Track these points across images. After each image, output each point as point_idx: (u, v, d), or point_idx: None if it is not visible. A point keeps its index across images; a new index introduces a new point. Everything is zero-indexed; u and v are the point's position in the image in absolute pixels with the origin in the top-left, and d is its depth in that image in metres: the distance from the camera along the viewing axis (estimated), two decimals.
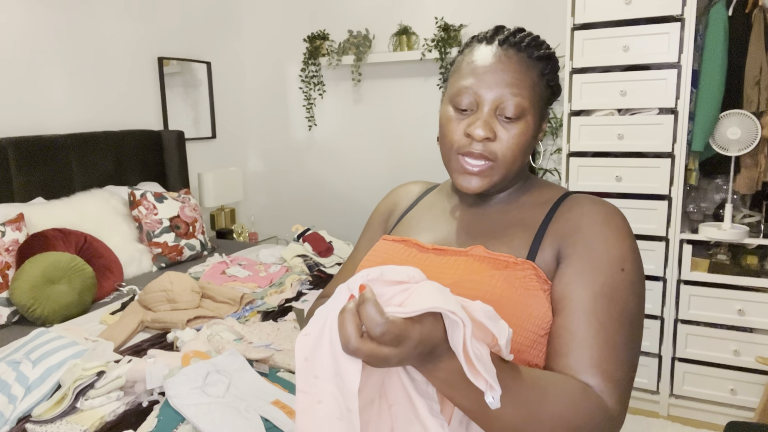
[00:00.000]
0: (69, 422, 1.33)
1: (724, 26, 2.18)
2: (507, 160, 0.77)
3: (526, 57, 0.77)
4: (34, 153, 2.46)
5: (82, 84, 2.82)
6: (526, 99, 0.75)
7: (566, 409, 0.61)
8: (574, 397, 0.62)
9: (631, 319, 0.69)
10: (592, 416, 0.62)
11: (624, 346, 0.67)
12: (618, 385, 0.66)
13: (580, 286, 0.70)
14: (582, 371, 0.66)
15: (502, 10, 3.02)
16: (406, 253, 0.83)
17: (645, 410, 2.47)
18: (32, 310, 1.96)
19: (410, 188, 0.99)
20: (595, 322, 0.67)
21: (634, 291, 0.70)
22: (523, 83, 0.75)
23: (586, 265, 0.71)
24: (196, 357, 1.53)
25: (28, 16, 2.56)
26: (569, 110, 2.43)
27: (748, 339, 2.25)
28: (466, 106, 0.76)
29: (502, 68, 0.75)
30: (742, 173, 2.29)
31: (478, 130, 0.74)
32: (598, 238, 0.72)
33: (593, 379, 0.65)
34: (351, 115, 3.59)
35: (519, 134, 0.76)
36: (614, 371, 0.66)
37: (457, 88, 0.78)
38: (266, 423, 1.31)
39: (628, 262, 0.71)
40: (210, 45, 3.56)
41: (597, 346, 0.66)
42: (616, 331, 0.67)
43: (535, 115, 0.77)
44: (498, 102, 0.75)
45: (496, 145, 0.76)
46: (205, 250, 2.88)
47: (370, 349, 0.51)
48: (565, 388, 0.63)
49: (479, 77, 0.76)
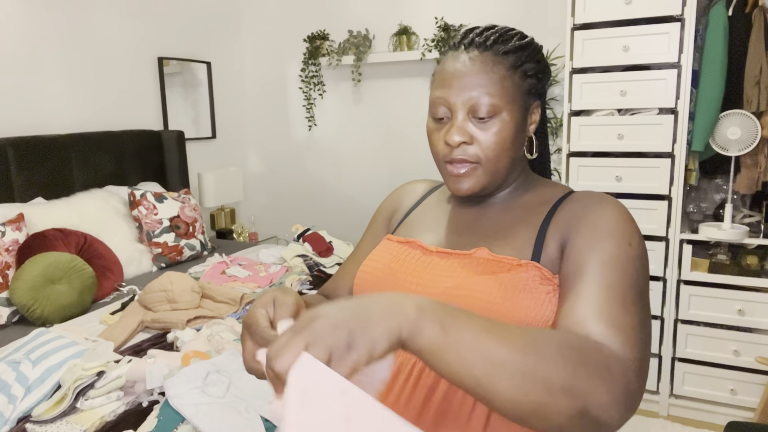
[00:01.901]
0: (69, 422, 1.33)
1: (724, 26, 2.18)
2: (490, 159, 0.77)
3: (492, 54, 0.77)
4: (34, 153, 2.46)
5: (82, 84, 2.82)
6: (495, 96, 0.75)
7: (562, 356, 0.53)
8: (570, 339, 0.56)
9: (639, 288, 0.66)
10: (593, 361, 0.55)
11: (633, 306, 0.63)
12: (625, 330, 0.60)
13: (588, 257, 0.68)
14: (585, 323, 0.61)
15: (502, 10, 3.02)
16: (410, 255, 0.83)
17: (645, 410, 2.47)
18: (32, 310, 1.96)
19: (415, 187, 0.99)
20: (603, 283, 0.64)
21: (642, 265, 0.68)
22: (490, 81, 0.75)
23: (592, 239, 0.69)
24: (196, 357, 1.53)
25: (28, 16, 2.56)
26: (569, 110, 2.43)
27: (748, 339, 2.25)
28: (441, 115, 0.79)
29: (467, 71, 0.76)
30: (742, 173, 2.29)
31: (451, 137, 0.77)
32: (601, 219, 0.71)
33: (597, 326, 0.60)
34: (351, 115, 3.59)
35: (496, 132, 0.76)
36: (621, 320, 0.61)
37: (432, 100, 0.80)
38: (266, 423, 1.31)
39: (635, 239, 0.69)
40: (210, 45, 3.56)
41: (604, 300, 0.63)
42: (626, 292, 0.64)
43: (512, 109, 0.77)
44: (468, 105, 0.76)
45: (474, 148, 0.77)
46: (205, 250, 2.88)
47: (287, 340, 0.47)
48: (555, 334, 0.57)
49: (447, 85, 0.78)
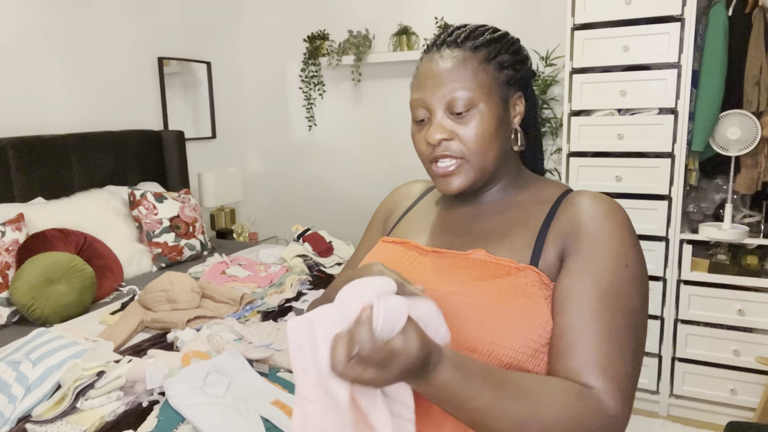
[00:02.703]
0: (69, 422, 1.33)
1: (724, 26, 2.18)
2: (474, 153, 0.77)
3: (464, 51, 0.77)
4: (34, 153, 2.46)
5: (82, 84, 2.82)
6: (469, 90, 0.75)
7: (561, 412, 0.61)
8: (568, 398, 0.62)
9: (635, 320, 0.69)
10: (591, 418, 0.62)
11: (629, 347, 0.67)
12: (622, 386, 0.65)
13: (586, 284, 0.69)
14: (585, 372, 0.65)
15: (501, 10, 3.02)
16: (405, 256, 0.82)
17: (645, 410, 2.47)
18: (32, 310, 1.96)
19: (411, 188, 0.99)
20: (601, 321, 0.67)
21: (638, 288, 0.70)
22: (462, 76, 0.76)
23: (591, 262, 0.70)
24: (196, 357, 1.53)
25: (28, 15, 2.56)
26: (569, 110, 2.43)
27: (748, 339, 2.25)
28: (422, 117, 0.79)
29: (440, 70, 0.77)
30: (742, 173, 2.29)
31: (431, 136, 0.77)
32: (600, 234, 0.72)
33: (597, 381, 0.64)
34: (351, 115, 3.59)
35: (476, 125, 0.76)
36: (618, 373, 0.65)
37: (411, 103, 0.81)
38: (266, 423, 1.31)
39: (631, 258, 0.70)
40: (210, 45, 3.56)
41: (603, 347, 0.66)
42: (622, 331, 0.67)
43: (490, 101, 0.77)
44: (444, 102, 0.76)
45: (456, 143, 0.77)
46: (205, 250, 2.88)
47: (355, 374, 0.54)
48: (558, 389, 0.62)
49: (422, 86, 0.78)
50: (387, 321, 0.53)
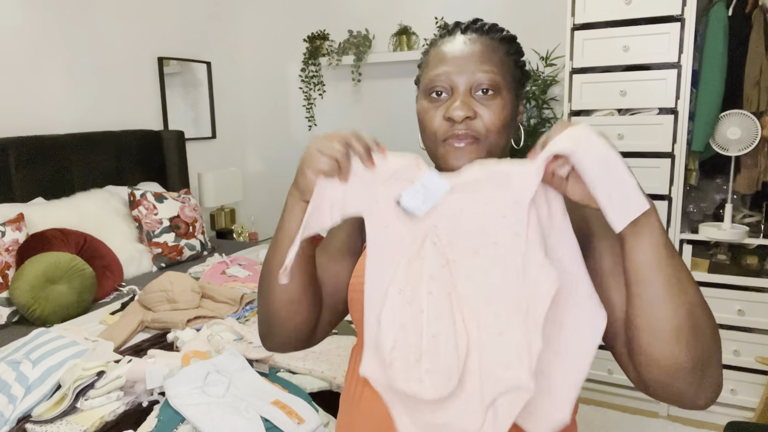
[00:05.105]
0: (69, 422, 1.33)
1: (724, 26, 2.18)
2: (491, 135, 0.76)
3: (489, 39, 0.80)
4: (34, 153, 2.46)
5: (82, 84, 2.82)
6: (498, 74, 0.77)
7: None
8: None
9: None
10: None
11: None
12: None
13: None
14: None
15: (501, 10, 3.02)
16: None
17: (645, 410, 2.47)
18: (32, 310, 1.96)
19: None
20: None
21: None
22: (492, 60, 0.77)
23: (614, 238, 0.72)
24: (196, 357, 1.53)
25: (29, 16, 2.56)
26: (569, 110, 2.43)
27: (748, 339, 2.25)
28: (441, 91, 0.78)
29: (470, 50, 0.78)
30: (742, 173, 2.29)
31: (457, 111, 0.75)
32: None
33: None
34: (351, 115, 3.59)
35: (499, 110, 0.76)
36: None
37: (430, 78, 0.79)
38: (266, 423, 1.31)
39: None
40: (210, 45, 3.56)
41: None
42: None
43: (510, 92, 0.78)
44: (471, 81, 0.76)
45: (479, 123, 0.76)
46: (205, 250, 2.88)
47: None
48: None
49: (450, 63, 0.78)
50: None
